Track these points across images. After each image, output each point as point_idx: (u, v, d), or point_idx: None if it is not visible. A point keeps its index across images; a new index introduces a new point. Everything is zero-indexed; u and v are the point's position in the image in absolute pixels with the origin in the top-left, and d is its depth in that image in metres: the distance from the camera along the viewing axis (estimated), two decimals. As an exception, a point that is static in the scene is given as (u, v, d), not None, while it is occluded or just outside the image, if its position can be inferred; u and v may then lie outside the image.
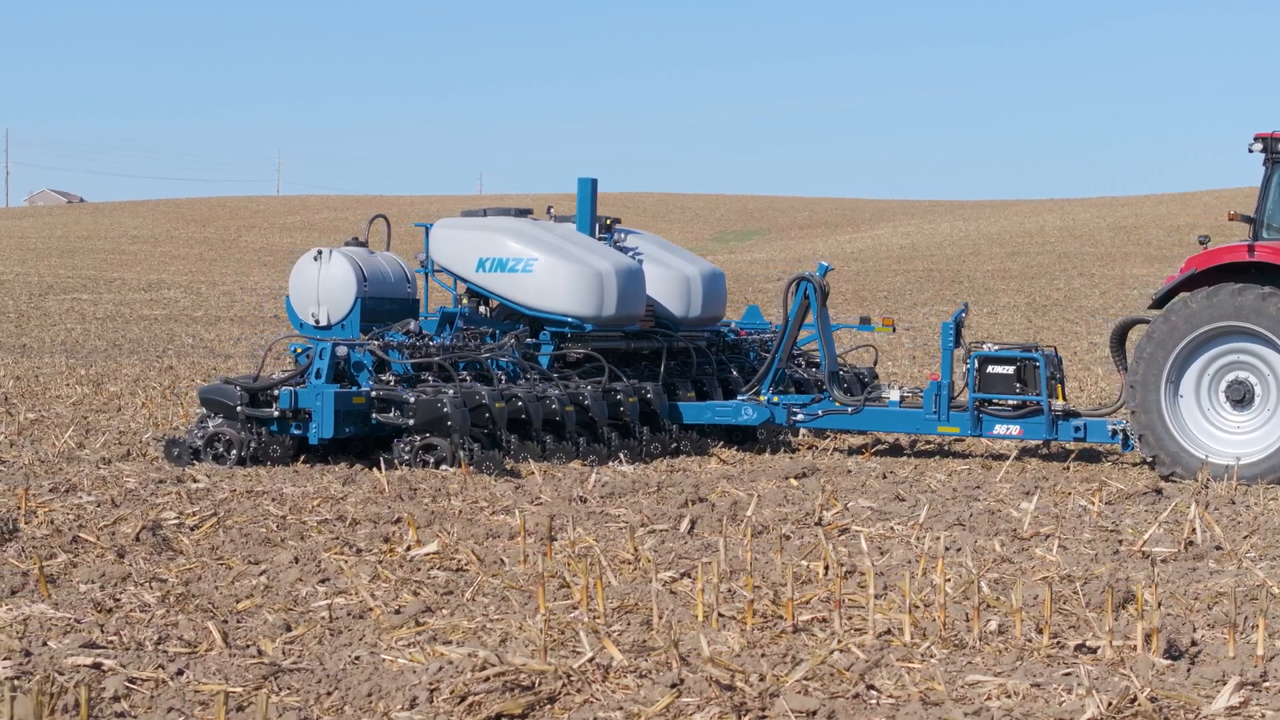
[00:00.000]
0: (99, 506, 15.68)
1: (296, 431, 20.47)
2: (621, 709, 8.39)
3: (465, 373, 21.71)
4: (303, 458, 20.43)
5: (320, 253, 21.99)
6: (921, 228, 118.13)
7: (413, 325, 21.84)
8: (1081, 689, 8.64)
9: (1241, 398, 20.82)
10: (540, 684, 8.65)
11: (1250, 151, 21.17)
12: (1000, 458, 23.02)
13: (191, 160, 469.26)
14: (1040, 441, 23.33)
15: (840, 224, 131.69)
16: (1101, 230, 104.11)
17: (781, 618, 10.68)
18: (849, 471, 20.32)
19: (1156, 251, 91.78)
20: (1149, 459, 21.03)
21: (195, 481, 17.92)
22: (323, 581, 12.19)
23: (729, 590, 11.63)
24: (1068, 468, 21.51)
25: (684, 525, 14.99)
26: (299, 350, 21.73)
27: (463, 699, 8.44)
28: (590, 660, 8.96)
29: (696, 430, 23.52)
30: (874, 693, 8.78)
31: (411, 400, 20.33)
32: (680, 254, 25.29)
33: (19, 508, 15.00)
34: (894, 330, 26.33)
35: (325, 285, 21.76)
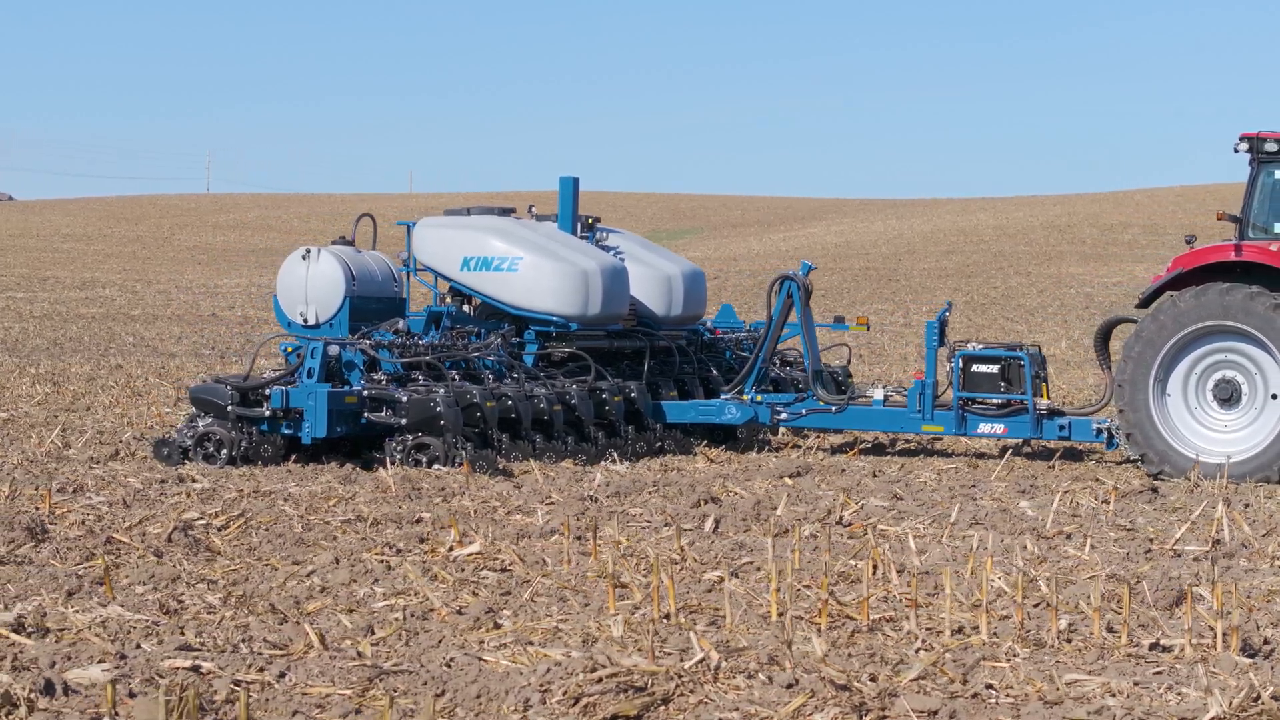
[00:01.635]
0: (111, 507, 15.60)
1: (287, 431, 20.38)
2: (738, 710, 8.39)
3: (453, 372, 21.66)
4: (294, 457, 20.34)
5: (309, 251, 21.89)
6: (855, 226, 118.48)
7: (401, 324, 21.77)
8: (1199, 688, 8.69)
9: (1229, 396, 20.97)
10: (651, 685, 8.64)
11: (1236, 151, 21.33)
12: (982, 456, 23.12)
13: (120, 158, 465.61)
14: (1020, 440, 23.34)
15: (773, 222, 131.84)
16: (1035, 229, 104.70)
17: (850, 617, 10.71)
18: (843, 471, 20.37)
19: (1091, 250, 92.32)
20: (1137, 457, 21.13)
21: (195, 481, 17.82)
22: (375, 582, 12.14)
23: (781, 590, 11.63)
24: (1053, 466, 21.62)
25: (708, 525, 15.00)
26: (289, 349, 21.61)
27: (576, 700, 8.43)
28: (700, 661, 8.95)
29: (679, 429, 23.50)
30: (992, 692, 8.82)
31: (404, 399, 20.28)
32: (661, 253, 25.30)
33: (38, 508, 14.89)
34: (868, 329, 26.37)
35: (314, 284, 21.65)
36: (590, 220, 24.58)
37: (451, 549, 13.33)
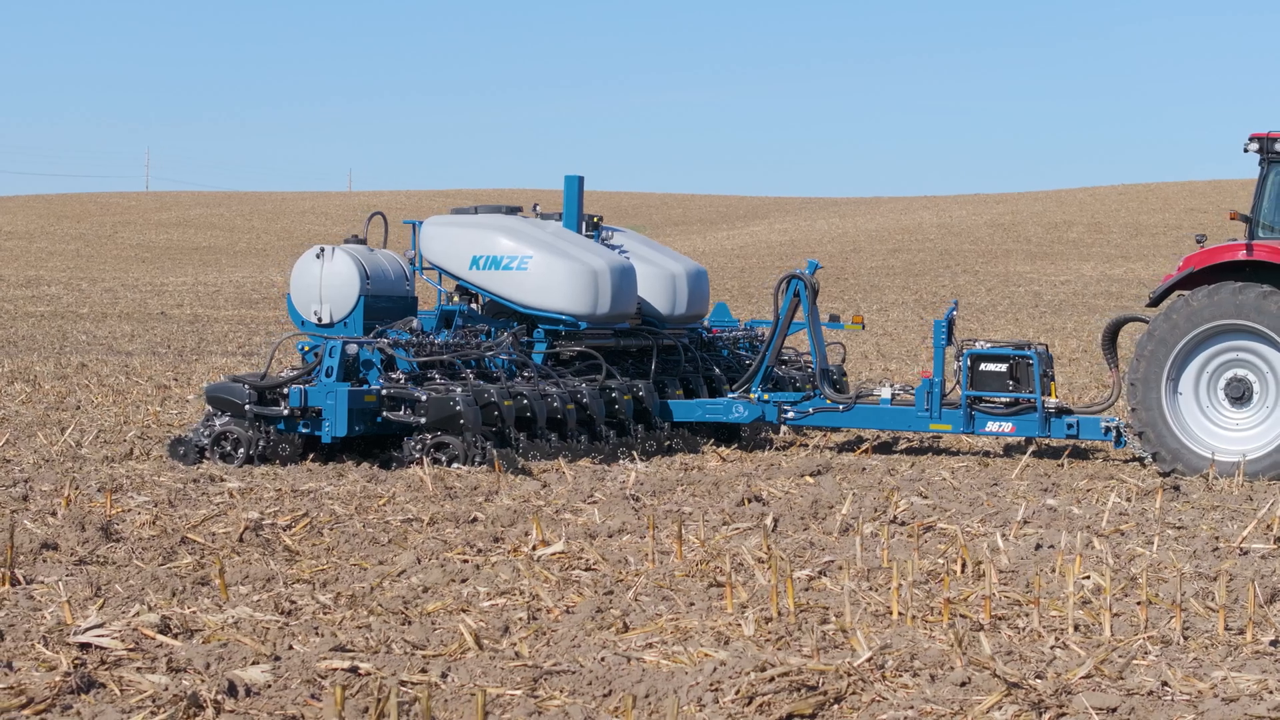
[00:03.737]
0: (158, 506, 15.53)
1: (304, 430, 20.34)
2: (913, 708, 8.42)
3: (467, 371, 21.66)
4: (311, 456, 20.31)
5: (323, 250, 21.83)
6: (799, 225, 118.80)
7: (415, 323, 21.75)
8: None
9: (1240, 395, 21.13)
10: (822, 684, 8.66)
11: (1246, 151, 21.47)
12: (989, 454, 23.22)
13: (58, 155, 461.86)
14: (1023, 439, 23.40)
15: (716, 221, 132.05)
16: (979, 227, 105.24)
17: (963, 615, 10.75)
18: (862, 470, 20.42)
19: (1037, 249, 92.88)
20: (1149, 456, 21.25)
21: (225, 481, 17.76)
22: (466, 582, 12.11)
23: (870, 588, 11.71)
24: (1062, 464, 21.74)
25: (768, 522, 14.99)
26: (306, 349, 21.56)
27: (750, 699, 8.44)
28: (869, 659, 8.98)
29: (686, 428, 23.51)
30: (1167, 689, 8.88)
31: (423, 398, 20.25)
32: (665, 252, 25.31)
33: (91, 507, 14.83)
34: (864, 328, 26.45)
35: (328, 283, 21.58)
36: (595, 219, 24.59)
37: (535, 548, 13.33)
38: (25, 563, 12.42)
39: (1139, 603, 10.84)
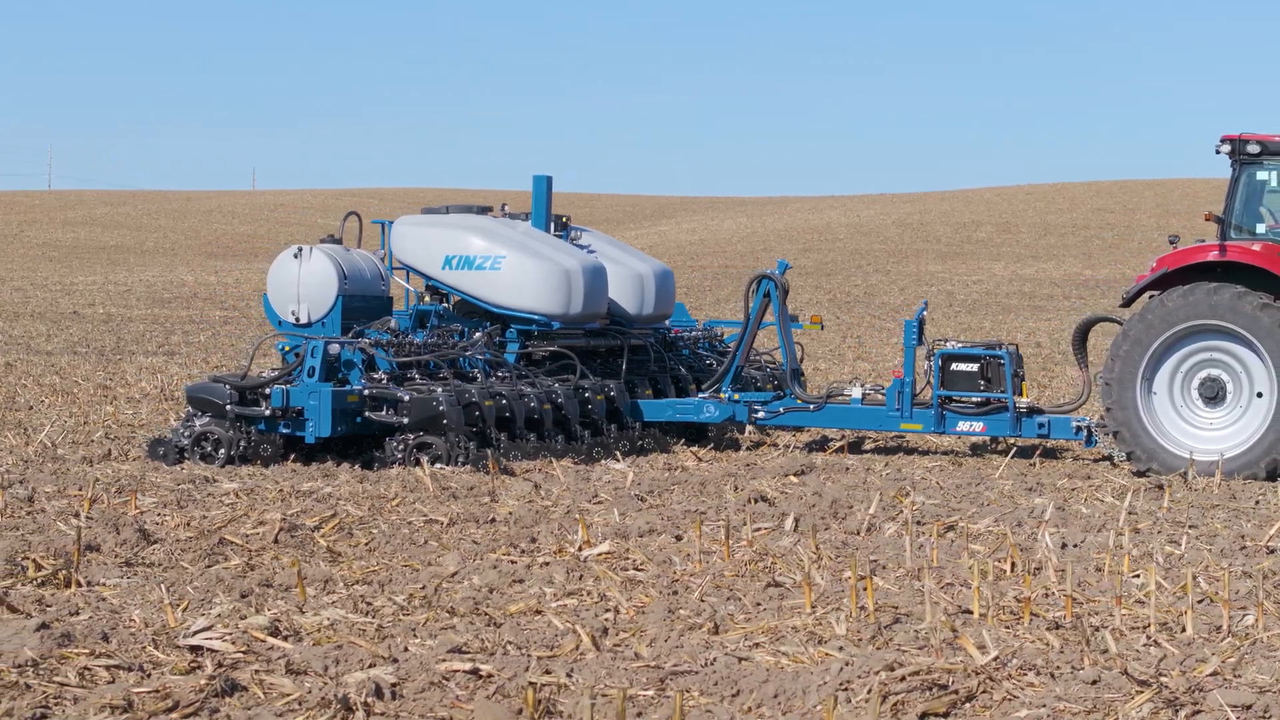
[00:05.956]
0: (166, 508, 15.42)
1: (285, 430, 20.25)
2: (1045, 705, 8.47)
3: (446, 371, 21.64)
4: (293, 456, 20.22)
5: (300, 250, 21.72)
6: (706, 224, 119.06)
7: (393, 323, 21.70)
8: None
9: (1214, 395, 21.35)
10: (952, 683, 8.71)
11: (1217, 153, 21.69)
12: (959, 454, 23.36)
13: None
14: (991, 438, 23.57)
15: (622, 220, 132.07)
16: (888, 227, 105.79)
17: (1036, 615, 10.81)
18: (846, 469, 20.50)
19: (947, 248, 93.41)
20: (1124, 455, 21.43)
21: (217, 482, 17.66)
22: (521, 582, 12.07)
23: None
24: (1034, 463, 21.89)
25: (788, 524, 15.01)
26: (286, 349, 21.46)
27: (884, 698, 8.47)
28: (995, 658, 9.02)
29: (657, 427, 23.54)
30: None
31: (406, 398, 20.20)
32: (632, 252, 25.35)
33: (118, 510, 14.73)
34: (822, 328, 26.57)
35: (306, 283, 21.49)
36: (564, 219, 24.60)
37: (580, 549, 13.30)
38: (74, 565, 12.28)
39: (1199, 600, 10.95)
